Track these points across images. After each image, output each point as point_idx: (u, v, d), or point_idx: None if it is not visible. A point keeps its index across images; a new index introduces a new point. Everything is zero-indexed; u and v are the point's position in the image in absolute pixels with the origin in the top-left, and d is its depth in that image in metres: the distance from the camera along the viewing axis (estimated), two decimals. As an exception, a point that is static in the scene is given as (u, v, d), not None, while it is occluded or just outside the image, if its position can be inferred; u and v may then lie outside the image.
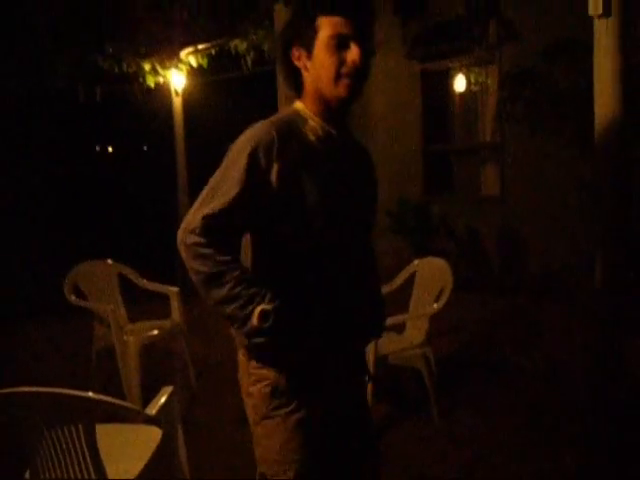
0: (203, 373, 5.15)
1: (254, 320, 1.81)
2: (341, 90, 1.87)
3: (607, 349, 3.04)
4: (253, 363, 1.97)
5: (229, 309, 1.83)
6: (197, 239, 1.82)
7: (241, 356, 2.02)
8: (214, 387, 4.92)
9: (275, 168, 1.82)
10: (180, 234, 1.87)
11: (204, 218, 1.82)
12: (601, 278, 2.98)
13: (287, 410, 1.94)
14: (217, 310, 1.87)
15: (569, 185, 5.93)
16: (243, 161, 1.82)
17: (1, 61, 7.23)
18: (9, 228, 9.56)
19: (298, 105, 1.98)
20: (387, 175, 2.03)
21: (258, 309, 1.81)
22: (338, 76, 1.85)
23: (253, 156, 1.82)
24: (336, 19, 1.84)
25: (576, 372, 4.27)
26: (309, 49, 1.89)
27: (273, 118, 1.93)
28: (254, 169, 1.82)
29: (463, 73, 8.30)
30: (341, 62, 1.84)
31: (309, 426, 1.95)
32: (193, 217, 1.85)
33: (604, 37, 2.83)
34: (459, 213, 7.77)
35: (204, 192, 1.88)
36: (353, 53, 1.83)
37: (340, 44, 1.84)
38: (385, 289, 3.97)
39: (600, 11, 2.80)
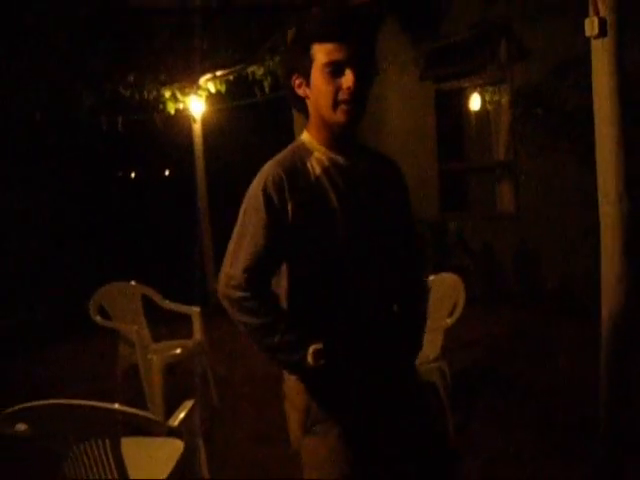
0: (224, 392, 5.24)
1: (310, 360, 1.87)
2: (340, 116, 1.90)
3: (615, 369, 3.09)
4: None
5: (282, 356, 1.92)
6: (242, 294, 1.89)
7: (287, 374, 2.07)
8: (235, 405, 5.03)
9: (289, 206, 1.89)
10: (223, 290, 1.92)
11: (245, 272, 1.88)
12: (604, 295, 3.05)
13: (327, 426, 1.97)
14: (268, 356, 1.95)
15: (581, 201, 5.99)
16: (260, 202, 1.89)
17: (27, 90, 7.47)
18: (36, 252, 9.79)
19: (304, 137, 2.03)
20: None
21: (311, 350, 1.87)
22: (336, 103, 1.89)
23: (267, 195, 1.89)
24: (329, 46, 1.86)
25: (589, 387, 4.31)
26: (307, 77, 1.93)
27: (279, 157, 1.99)
28: (271, 207, 1.89)
29: (477, 92, 8.43)
30: (337, 89, 1.87)
31: (350, 440, 1.97)
32: (233, 271, 1.90)
33: (600, 57, 2.93)
34: (475, 230, 7.86)
35: (233, 243, 1.95)
36: (348, 79, 1.85)
37: (335, 71, 1.87)
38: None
39: (596, 32, 2.90)
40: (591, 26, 2.91)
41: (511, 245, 7.67)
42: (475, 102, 8.48)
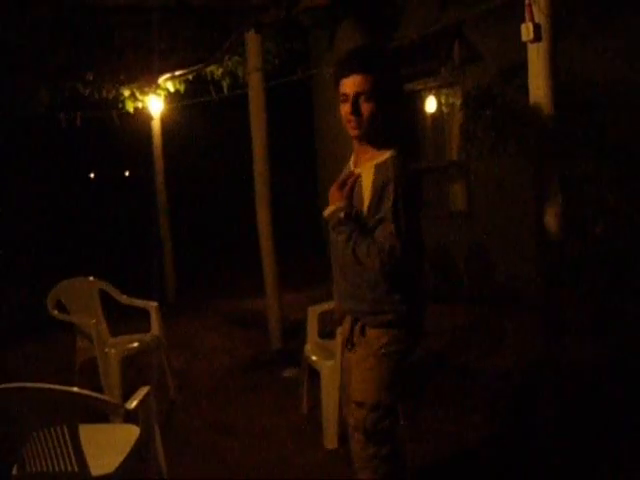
0: (182, 385, 5.33)
1: None
2: (349, 130, 2.59)
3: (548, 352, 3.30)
4: None
5: None
6: None
7: None
8: (192, 397, 5.11)
9: None
10: None
11: None
12: (539, 286, 3.26)
13: None
14: None
15: (528, 199, 6.21)
16: None
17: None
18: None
19: None
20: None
21: None
22: (347, 121, 2.57)
23: None
24: (342, 81, 2.54)
25: (531, 374, 4.51)
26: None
27: None
28: None
29: (431, 94, 8.61)
30: (345, 112, 2.56)
31: None
32: None
33: (536, 60, 3.12)
34: (430, 228, 8.01)
35: None
36: (347, 107, 2.53)
37: (344, 99, 2.55)
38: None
39: (531, 37, 3.09)
40: (527, 31, 3.10)
41: (463, 243, 7.88)
42: (430, 104, 8.66)
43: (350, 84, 2.50)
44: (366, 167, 2.59)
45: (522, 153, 5.87)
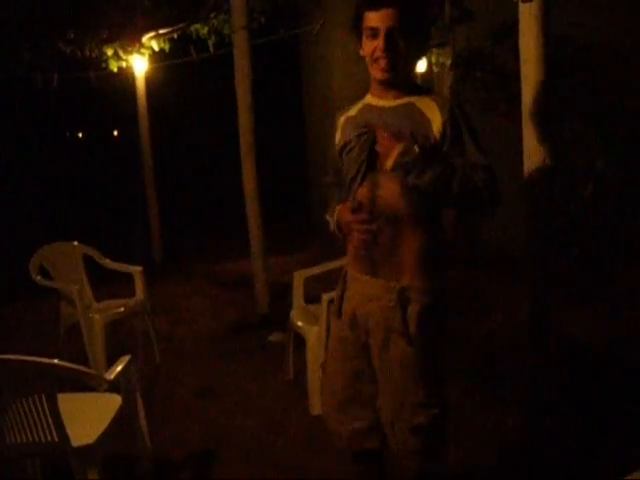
0: (167, 350, 5.30)
1: None
2: (375, 72, 2.35)
3: (538, 316, 3.26)
4: None
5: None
6: None
7: None
8: (177, 362, 5.08)
9: None
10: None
11: None
12: (527, 250, 3.22)
13: None
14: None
15: (518, 162, 6.13)
16: None
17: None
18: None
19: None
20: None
21: None
22: (373, 60, 2.33)
23: None
24: (369, 14, 2.29)
25: (519, 339, 4.50)
26: (361, 41, 2.37)
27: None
28: None
29: (421, 54, 8.46)
30: (374, 49, 2.30)
31: None
32: None
33: (527, 20, 3.02)
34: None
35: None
36: (379, 42, 2.27)
37: (373, 34, 2.29)
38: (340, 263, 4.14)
39: (523, -5, 2.99)
40: (518, -10, 2.99)
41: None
42: (420, 63, 8.51)
43: (382, 17, 2.25)
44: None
45: (512, 115, 5.77)
